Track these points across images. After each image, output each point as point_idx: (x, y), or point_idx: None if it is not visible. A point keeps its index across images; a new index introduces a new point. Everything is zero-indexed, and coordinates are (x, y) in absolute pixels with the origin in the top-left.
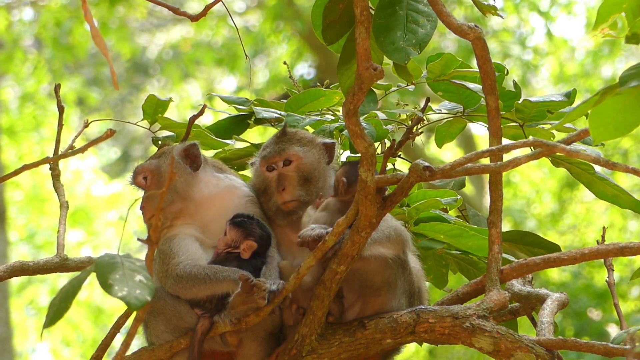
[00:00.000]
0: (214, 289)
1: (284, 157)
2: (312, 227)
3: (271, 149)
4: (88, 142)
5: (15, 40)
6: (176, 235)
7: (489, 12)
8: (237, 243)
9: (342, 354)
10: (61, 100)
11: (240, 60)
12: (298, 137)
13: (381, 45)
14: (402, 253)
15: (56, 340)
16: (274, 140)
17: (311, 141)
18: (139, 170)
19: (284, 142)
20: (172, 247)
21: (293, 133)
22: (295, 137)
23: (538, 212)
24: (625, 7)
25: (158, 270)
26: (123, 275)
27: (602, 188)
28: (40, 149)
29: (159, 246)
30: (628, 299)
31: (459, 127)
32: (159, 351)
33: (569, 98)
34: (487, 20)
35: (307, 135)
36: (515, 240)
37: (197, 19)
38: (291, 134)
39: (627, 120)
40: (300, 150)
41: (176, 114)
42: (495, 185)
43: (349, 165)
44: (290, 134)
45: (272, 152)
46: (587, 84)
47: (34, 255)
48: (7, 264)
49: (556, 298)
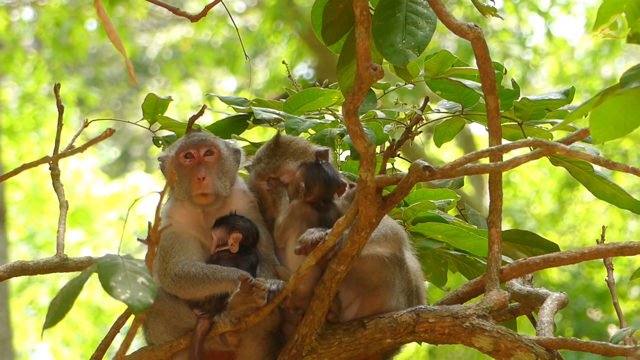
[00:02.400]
0: (212, 288)
1: (277, 175)
2: (311, 231)
3: (265, 164)
4: (87, 141)
5: (15, 40)
6: (180, 234)
7: (489, 12)
8: (224, 240)
9: (342, 354)
10: (61, 100)
11: (240, 60)
12: (292, 150)
13: (380, 48)
14: (398, 251)
15: (56, 340)
16: (268, 152)
17: (304, 152)
18: (210, 142)
19: (277, 157)
20: (174, 245)
21: (287, 144)
22: (289, 150)
23: (538, 212)
24: (625, 7)
25: (157, 267)
26: (125, 277)
27: (601, 187)
28: (40, 149)
29: (161, 241)
30: (628, 299)
31: (458, 127)
32: (159, 351)
33: (568, 96)
34: (487, 20)
35: (301, 145)
36: (515, 240)
37: (197, 19)
38: (284, 145)
39: (628, 120)
40: (294, 165)
41: (176, 114)
42: (495, 185)
43: (305, 167)
44: (283, 146)
45: (266, 170)
46: (586, 84)
47: (34, 255)
48: (7, 264)
49: (556, 297)
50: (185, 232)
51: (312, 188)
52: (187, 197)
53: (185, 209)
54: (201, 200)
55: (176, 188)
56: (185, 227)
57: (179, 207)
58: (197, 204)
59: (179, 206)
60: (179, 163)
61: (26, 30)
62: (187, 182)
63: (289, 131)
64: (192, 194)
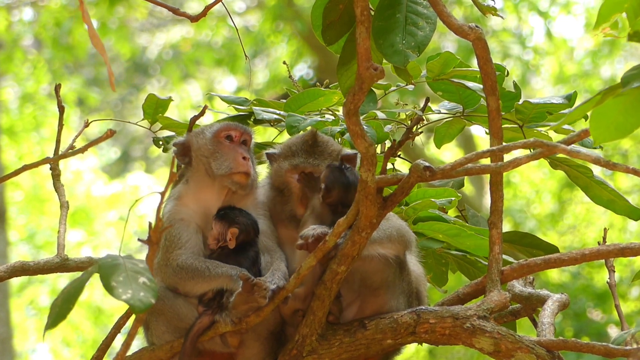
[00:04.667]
0: (210, 283)
1: (316, 172)
2: (313, 227)
3: (304, 159)
4: (88, 142)
5: (15, 40)
6: (189, 223)
7: (489, 12)
8: (223, 235)
9: (343, 355)
10: (61, 101)
11: (240, 61)
12: (329, 151)
13: (380, 48)
14: (402, 254)
15: (56, 340)
16: (306, 148)
17: (338, 155)
18: (248, 131)
19: (317, 156)
20: (181, 235)
21: (325, 144)
22: (327, 151)
23: (538, 212)
24: (626, 6)
25: (159, 257)
26: (126, 277)
27: (599, 192)
28: (40, 149)
29: (169, 229)
30: (628, 300)
31: (458, 128)
32: (160, 351)
33: (570, 100)
34: (487, 20)
35: (336, 148)
36: (515, 242)
37: (197, 20)
38: (323, 144)
39: (628, 121)
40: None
41: (177, 114)
42: (496, 186)
43: (328, 169)
44: (322, 145)
45: (305, 164)
46: (586, 84)
47: (34, 255)
48: (8, 264)
49: (557, 299)
50: (193, 222)
51: (332, 191)
52: (227, 174)
53: (201, 192)
54: (241, 180)
55: (213, 163)
56: (194, 216)
57: (193, 191)
58: (235, 182)
59: (194, 190)
60: (218, 141)
61: (26, 30)
62: (230, 159)
63: (289, 129)
64: (234, 170)
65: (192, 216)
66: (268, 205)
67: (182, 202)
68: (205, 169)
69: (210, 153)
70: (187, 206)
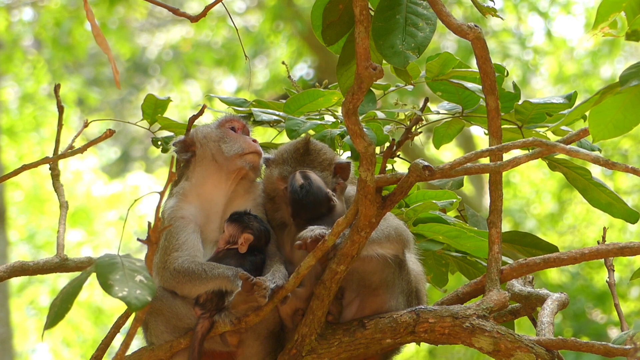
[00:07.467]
0: (207, 285)
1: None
2: (311, 228)
3: (292, 168)
4: (88, 142)
5: (15, 40)
6: (188, 223)
7: (489, 13)
8: (235, 238)
9: (342, 354)
10: (61, 101)
11: (240, 61)
12: (320, 160)
13: (380, 49)
14: (401, 253)
15: (56, 340)
16: (296, 157)
17: (330, 164)
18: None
19: (307, 165)
20: (179, 236)
21: (317, 153)
22: (318, 160)
23: (538, 212)
24: (624, 6)
25: (157, 260)
26: (123, 276)
27: (597, 195)
28: (40, 149)
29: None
30: (628, 299)
31: (457, 128)
32: (159, 351)
33: (570, 100)
34: (487, 20)
35: (328, 156)
36: (514, 241)
37: (197, 20)
38: (314, 153)
39: (627, 118)
40: (320, 176)
41: (176, 114)
42: (495, 185)
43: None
44: (313, 154)
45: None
46: (586, 84)
47: (34, 255)
48: (7, 264)
49: (556, 298)
50: (193, 220)
51: (299, 213)
52: (239, 154)
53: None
54: (254, 159)
55: (224, 146)
56: (195, 213)
57: (196, 187)
58: (248, 161)
59: (196, 185)
60: (225, 129)
61: (26, 30)
62: (240, 141)
63: (289, 132)
64: (246, 151)
65: (193, 213)
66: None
67: (184, 199)
68: (212, 155)
69: (219, 138)
70: (189, 203)
